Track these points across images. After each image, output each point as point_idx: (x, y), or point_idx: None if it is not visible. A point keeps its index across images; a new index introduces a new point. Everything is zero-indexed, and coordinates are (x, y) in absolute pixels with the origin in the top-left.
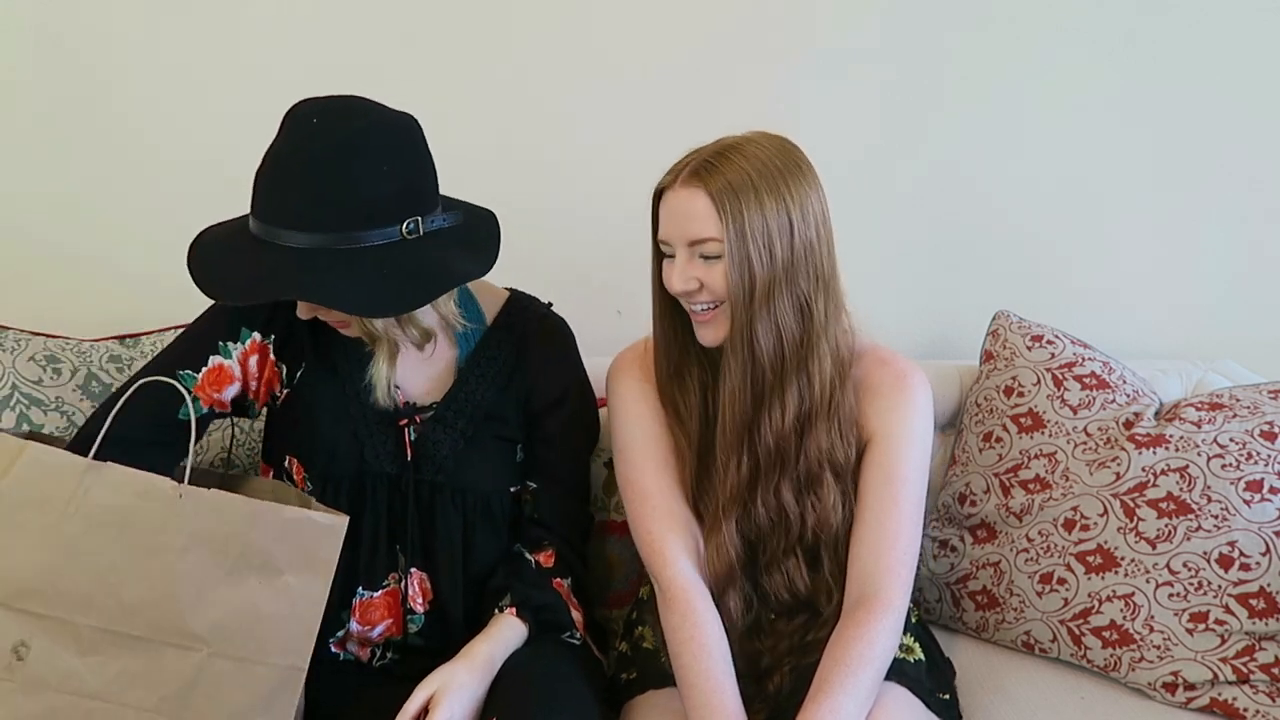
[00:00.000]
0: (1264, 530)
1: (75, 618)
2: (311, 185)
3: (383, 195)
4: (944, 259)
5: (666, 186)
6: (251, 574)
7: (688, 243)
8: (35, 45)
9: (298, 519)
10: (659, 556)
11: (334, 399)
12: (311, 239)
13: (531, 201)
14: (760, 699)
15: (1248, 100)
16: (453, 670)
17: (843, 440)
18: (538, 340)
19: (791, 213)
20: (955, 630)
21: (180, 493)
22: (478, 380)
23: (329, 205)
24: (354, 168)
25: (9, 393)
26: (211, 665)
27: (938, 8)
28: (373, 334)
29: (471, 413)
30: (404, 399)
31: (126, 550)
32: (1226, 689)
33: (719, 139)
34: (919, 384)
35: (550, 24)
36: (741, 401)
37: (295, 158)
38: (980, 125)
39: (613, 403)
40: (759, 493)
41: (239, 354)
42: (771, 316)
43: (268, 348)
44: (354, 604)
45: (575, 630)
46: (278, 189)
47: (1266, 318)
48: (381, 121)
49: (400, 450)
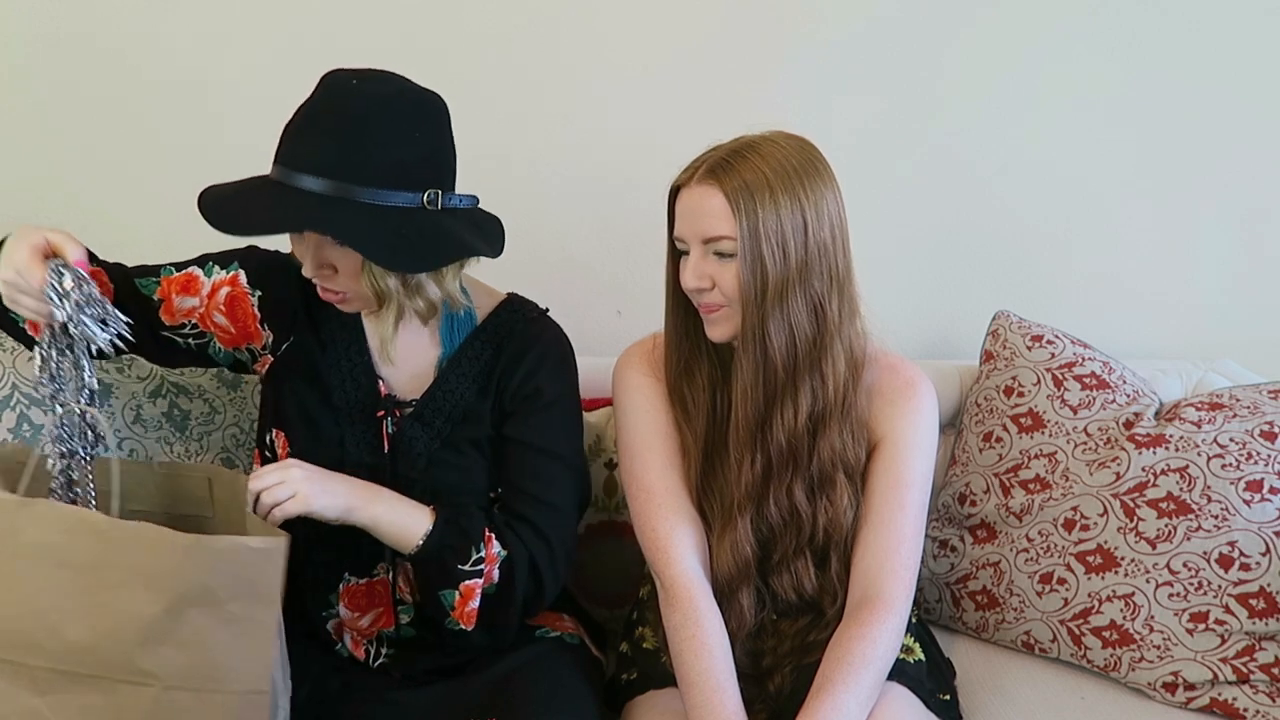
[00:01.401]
0: (1264, 530)
1: (26, 659)
2: (343, 136)
3: (411, 159)
4: (944, 259)
5: (683, 184)
6: (192, 607)
7: (702, 240)
8: (37, 39)
9: (232, 549)
10: (663, 555)
11: (320, 379)
12: (337, 187)
13: (532, 201)
14: (761, 699)
15: (1248, 100)
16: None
17: (854, 442)
18: (521, 340)
19: (806, 213)
20: (955, 630)
21: (110, 526)
22: (458, 379)
23: (358, 157)
24: (386, 127)
25: (9, 393)
26: (169, 698)
27: (938, 7)
28: (383, 294)
29: (450, 412)
30: (385, 390)
31: (64, 589)
32: (1226, 689)
33: (737, 137)
34: (926, 392)
35: (551, 21)
36: (754, 399)
37: (329, 110)
38: (980, 125)
39: (618, 399)
40: (771, 491)
41: (215, 279)
42: (784, 316)
43: (247, 296)
44: (340, 589)
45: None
46: (307, 137)
47: (1266, 318)
48: (416, 91)
49: (379, 443)
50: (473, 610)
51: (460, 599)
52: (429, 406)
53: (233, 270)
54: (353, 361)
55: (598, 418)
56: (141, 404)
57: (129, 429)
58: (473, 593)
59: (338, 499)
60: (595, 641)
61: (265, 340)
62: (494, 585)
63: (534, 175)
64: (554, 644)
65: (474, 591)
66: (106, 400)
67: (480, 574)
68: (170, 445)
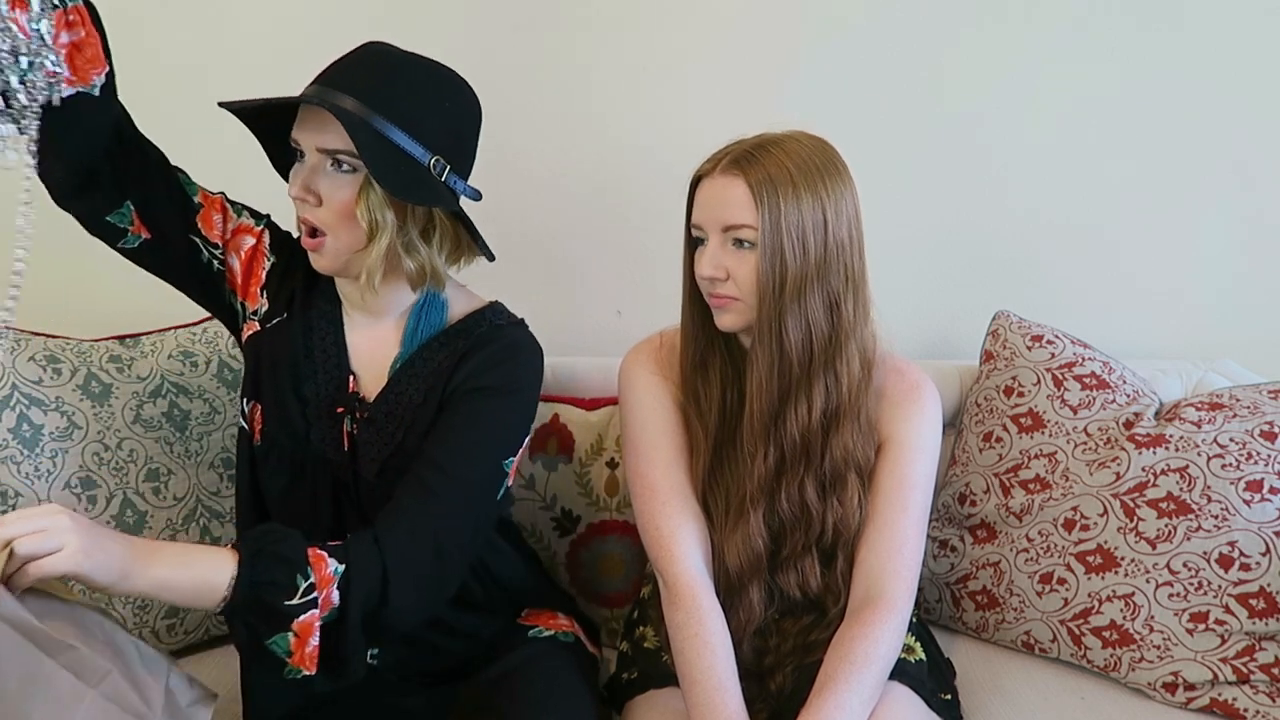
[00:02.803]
0: (1264, 530)
1: None
2: (377, 73)
3: (432, 119)
4: (944, 259)
5: (705, 173)
6: None
7: (722, 228)
8: None
9: None
10: (666, 553)
11: (295, 366)
12: (364, 110)
13: (532, 200)
14: (762, 699)
15: (1249, 100)
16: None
17: (865, 442)
18: (482, 342)
19: (826, 210)
20: (955, 630)
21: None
22: (409, 380)
23: (386, 92)
24: (421, 81)
25: (9, 393)
26: None
27: (938, 8)
28: (376, 225)
29: (401, 415)
30: (354, 387)
31: None
32: (1226, 689)
33: (760, 133)
34: (931, 395)
35: (554, 22)
36: (769, 394)
37: (374, 54)
38: (980, 125)
39: (624, 396)
40: (783, 486)
41: (239, 222)
42: (801, 311)
43: (264, 258)
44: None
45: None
46: (347, 66)
47: (1266, 318)
48: (459, 78)
49: (340, 441)
50: (314, 650)
51: (296, 640)
52: (381, 409)
53: (260, 225)
54: (328, 354)
55: (599, 417)
56: (142, 404)
57: (129, 429)
58: (310, 629)
59: (112, 559)
60: (592, 641)
61: (259, 307)
62: (334, 610)
63: (535, 174)
64: (549, 643)
65: (311, 627)
66: (106, 400)
67: (315, 603)
68: (170, 445)
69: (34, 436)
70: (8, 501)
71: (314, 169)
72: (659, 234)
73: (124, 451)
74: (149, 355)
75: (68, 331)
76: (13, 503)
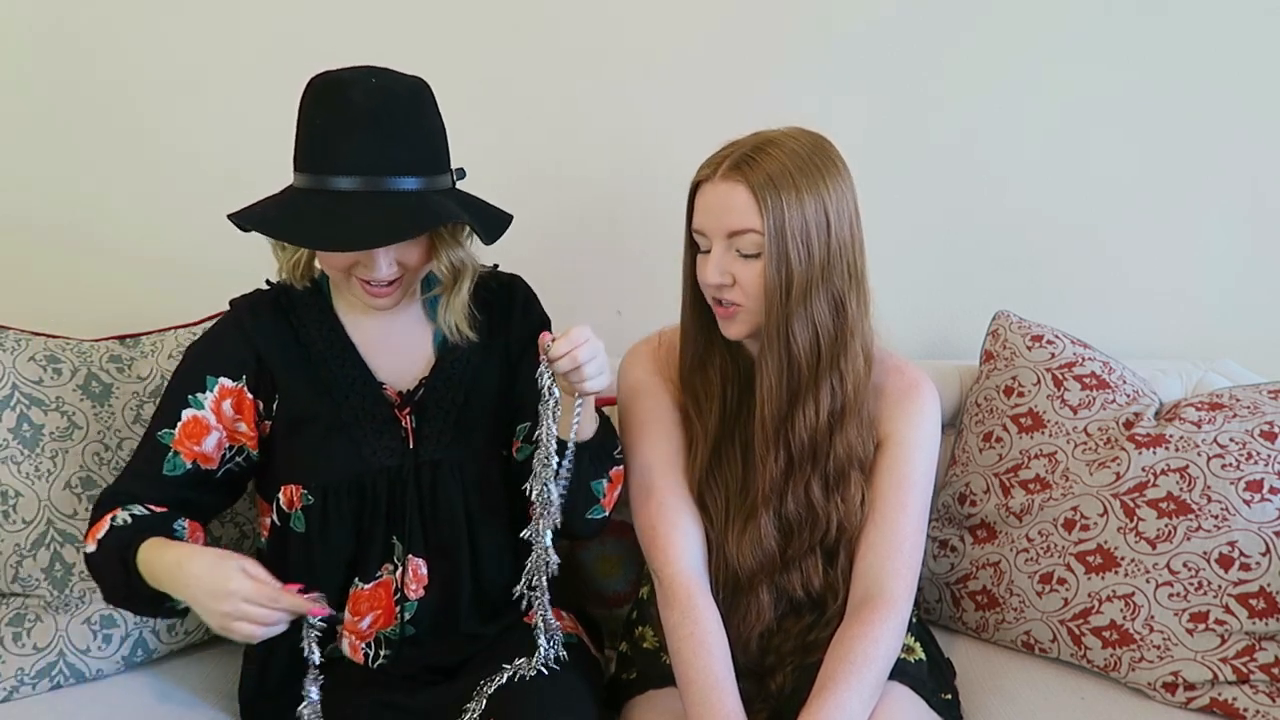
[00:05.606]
0: (1264, 530)
1: None
2: (408, 135)
3: (443, 142)
4: (944, 258)
5: (705, 179)
6: None
7: (726, 234)
8: (40, 42)
9: None
10: (661, 553)
11: (321, 411)
12: (419, 182)
13: (532, 199)
14: (762, 698)
15: (1249, 100)
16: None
17: (866, 439)
18: (505, 293)
19: (828, 209)
20: (955, 630)
21: None
22: (452, 349)
23: (425, 151)
24: (429, 115)
25: (9, 393)
26: None
27: (938, 7)
28: (459, 267)
29: (460, 380)
30: (393, 390)
31: None
32: (1226, 689)
33: (755, 132)
34: (929, 393)
35: (553, 21)
36: (778, 398)
37: (379, 113)
38: (980, 125)
39: (623, 396)
40: (791, 487)
41: (210, 403)
42: (808, 314)
43: (241, 390)
44: (350, 593)
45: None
46: (372, 141)
47: (1266, 318)
48: (417, 80)
49: (399, 440)
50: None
51: (609, 485)
52: (439, 381)
53: (214, 384)
54: (349, 373)
55: None
56: (142, 404)
57: (129, 429)
58: (621, 477)
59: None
60: (594, 641)
61: (259, 410)
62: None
63: (535, 174)
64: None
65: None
66: (106, 400)
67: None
68: None
69: (34, 436)
70: (8, 501)
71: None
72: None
73: (124, 451)
74: (149, 355)
75: (68, 331)
76: (13, 503)
